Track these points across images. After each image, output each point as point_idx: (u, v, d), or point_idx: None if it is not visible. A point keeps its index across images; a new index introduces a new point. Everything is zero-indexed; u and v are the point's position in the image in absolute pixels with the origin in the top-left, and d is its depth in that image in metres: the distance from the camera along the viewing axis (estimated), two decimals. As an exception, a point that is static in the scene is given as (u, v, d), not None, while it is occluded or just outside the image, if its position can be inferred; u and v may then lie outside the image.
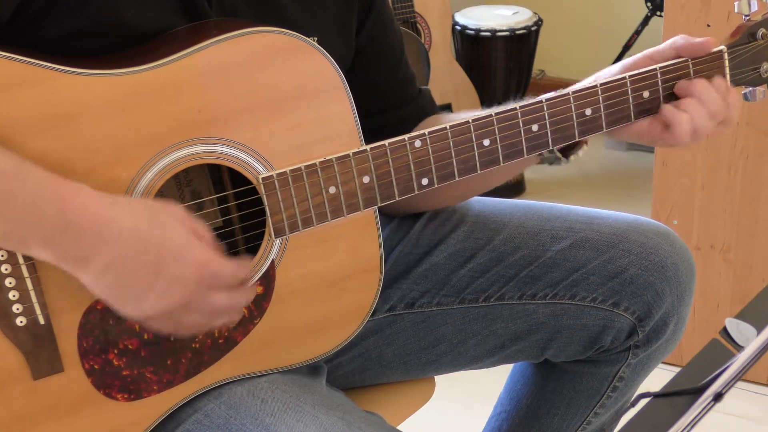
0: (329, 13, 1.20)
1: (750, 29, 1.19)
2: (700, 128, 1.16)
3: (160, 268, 0.95)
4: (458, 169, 1.12)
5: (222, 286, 1.00)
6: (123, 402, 1.04)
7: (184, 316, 0.99)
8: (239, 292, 1.02)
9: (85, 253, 0.93)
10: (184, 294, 0.97)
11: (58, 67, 0.96)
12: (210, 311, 1.00)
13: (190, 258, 0.97)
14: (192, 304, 0.98)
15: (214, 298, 0.99)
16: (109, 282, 0.95)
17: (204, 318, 1.01)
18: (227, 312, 1.02)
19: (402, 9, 3.00)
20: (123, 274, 0.94)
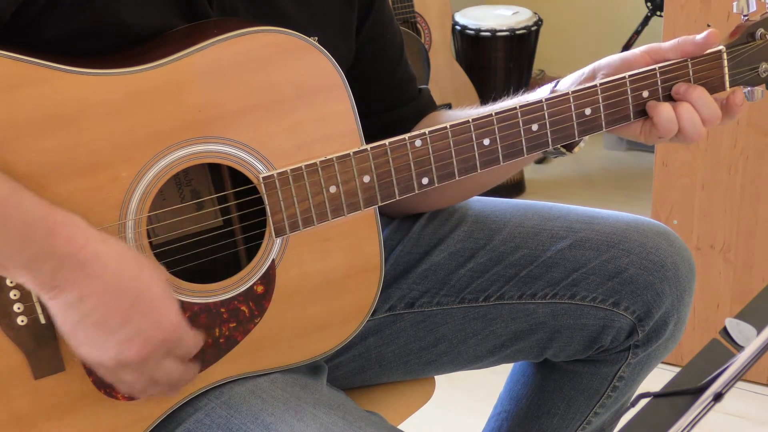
0: (329, 13, 1.20)
1: (749, 29, 1.19)
2: (695, 134, 1.16)
3: (130, 317, 0.94)
4: (458, 168, 1.12)
5: (178, 356, 0.99)
6: (124, 401, 1.04)
7: (136, 374, 0.98)
8: (189, 368, 1.02)
9: (61, 283, 0.92)
10: (143, 350, 0.95)
11: (58, 67, 0.96)
12: (156, 376, 0.99)
13: (162, 316, 0.96)
14: (144, 364, 0.97)
15: (167, 365, 0.98)
16: (75, 316, 0.94)
17: (146, 382, 0.99)
18: (170, 382, 1.01)
19: (402, 9, 3.00)
20: (92, 312, 0.93)
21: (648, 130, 1.18)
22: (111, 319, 0.94)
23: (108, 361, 0.96)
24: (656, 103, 1.16)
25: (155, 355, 0.97)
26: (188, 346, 1.00)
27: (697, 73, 1.17)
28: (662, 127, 1.15)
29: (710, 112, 1.16)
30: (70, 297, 0.92)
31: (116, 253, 0.94)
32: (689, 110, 1.15)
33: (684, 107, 1.15)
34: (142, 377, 0.98)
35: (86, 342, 0.95)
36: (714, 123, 1.17)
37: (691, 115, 1.15)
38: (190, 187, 1.12)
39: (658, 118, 1.15)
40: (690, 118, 1.15)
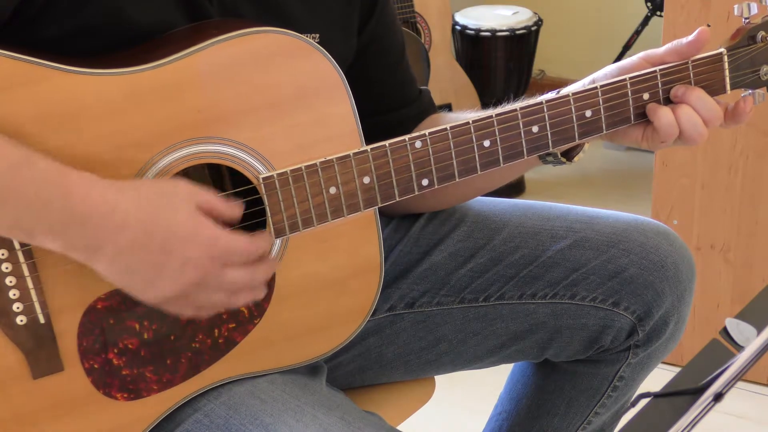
0: (331, 12, 1.20)
1: (750, 32, 1.19)
2: (697, 136, 1.16)
3: (169, 250, 0.96)
4: (458, 170, 1.12)
5: (237, 262, 1.00)
6: (123, 401, 1.04)
7: (202, 296, 0.99)
8: (257, 267, 1.02)
9: (93, 242, 0.93)
10: (197, 273, 0.97)
11: (58, 66, 0.97)
12: (228, 288, 1.00)
13: (198, 237, 0.97)
14: (207, 282, 0.98)
15: (231, 275, 0.99)
16: (120, 269, 0.95)
17: (223, 296, 1.01)
18: (247, 288, 1.02)
19: (402, 9, 3.00)
20: (133, 260, 0.95)
21: (650, 135, 1.18)
22: (153, 260, 0.95)
23: (173, 294, 0.98)
24: (656, 106, 1.16)
25: (211, 272, 0.98)
26: (240, 250, 1.00)
27: (697, 76, 1.17)
28: (663, 131, 1.15)
29: (710, 112, 1.16)
30: (106, 254, 0.94)
31: (134, 197, 0.95)
32: (689, 112, 1.15)
33: (684, 109, 1.15)
34: (217, 293, 1.00)
35: (145, 287, 0.97)
36: (715, 123, 1.17)
37: (692, 116, 1.15)
38: (190, 187, 1.12)
39: (658, 122, 1.15)
40: (690, 120, 1.15)
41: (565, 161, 1.22)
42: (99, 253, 0.94)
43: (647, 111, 1.16)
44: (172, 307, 1.00)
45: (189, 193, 0.98)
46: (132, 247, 0.94)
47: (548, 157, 1.22)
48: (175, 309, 1.01)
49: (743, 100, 1.17)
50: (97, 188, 0.94)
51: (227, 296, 1.01)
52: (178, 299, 0.99)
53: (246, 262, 1.01)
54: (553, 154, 1.21)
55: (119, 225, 0.93)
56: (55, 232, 0.93)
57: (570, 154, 1.23)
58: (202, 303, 1.00)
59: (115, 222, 0.93)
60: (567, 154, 1.23)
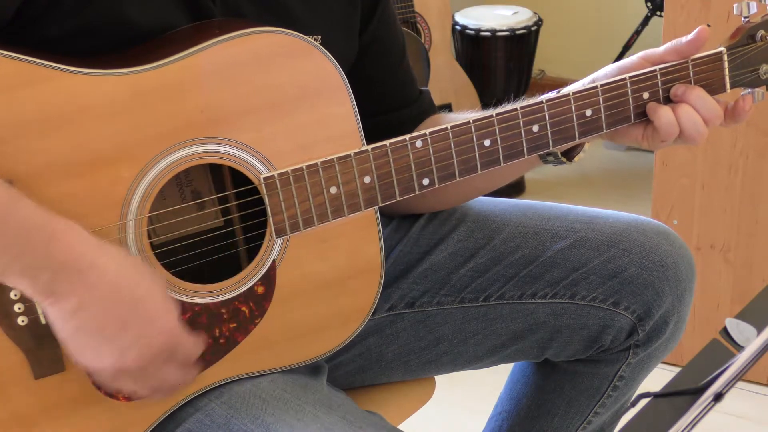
0: (333, 13, 1.20)
1: (749, 31, 1.19)
2: (697, 135, 1.16)
3: (129, 324, 0.94)
4: (459, 169, 1.12)
5: (177, 361, 0.99)
6: (124, 401, 1.04)
7: (131, 381, 0.98)
8: (189, 372, 1.02)
9: (59, 290, 0.92)
10: (143, 357, 0.95)
11: (60, 67, 0.97)
12: (156, 382, 0.99)
13: (161, 323, 0.96)
14: (145, 369, 0.97)
15: (167, 371, 0.99)
16: (74, 324, 0.94)
17: (148, 389, 0.99)
18: (169, 387, 1.01)
19: (402, 9, 3.00)
20: (91, 319, 0.93)
21: (650, 134, 1.18)
22: (109, 327, 0.94)
23: (108, 369, 0.96)
24: (656, 105, 1.16)
25: (155, 361, 0.97)
26: (188, 351, 1.00)
27: (697, 75, 1.17)
28: (663, 130, 1.15)
29: (710, 111, 1.16)
30: (68, 305, 0.92)
31: (115, 261, 0.94)
32: (689, 111, 1.15)
33: (684, 108, 1.15)
34: (142, 384, 0.98)
35: (85, 349, 0.95)
36: (715, 122, 1.17)
37: (692, 115, 1.15)
38: (191, 187, 1.12)
39: (658, 121, 1.15)
40: (690, 119, 1.15)
41: (565, 161, 1.23)
42: (60, 303, 0.92)
43: (647, 110, 1.17)
44: (98, 377, 0.99)
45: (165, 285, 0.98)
46: (96, 306, 0.93)
47: (549, 157, 1.22)
48: (101, 380, 0.99)
49: (742, 98, 1.17)
50: (81, 240, 0.93)
51: (149, 389, 1.00)
52: (110, 374, 0.97)
53: (184, 363, 1.00)
54: (553, 153, 1.22)
55: (93, 281, 0.92)
56: (27, 275, 0.91)
57: (570, 154, 1.23)
58: (126, 387, 0.99)
59: (91, 277, 0.92)
60: (567, 154, 1.23)
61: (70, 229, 0.92)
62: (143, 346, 0.95)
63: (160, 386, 1.00)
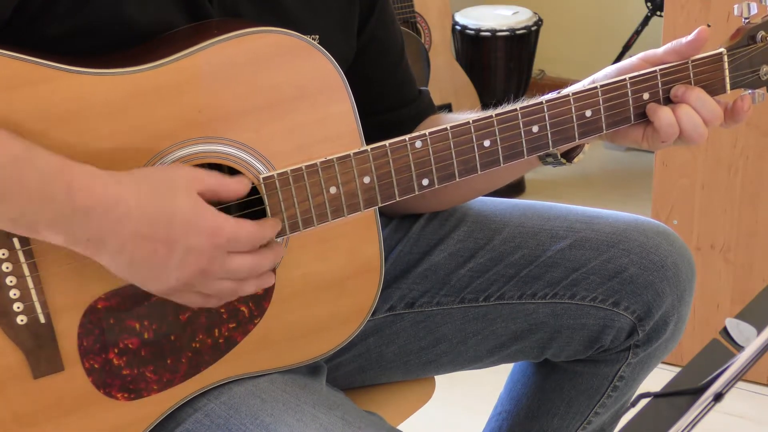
0: (331, 12, 1.20)
1: (750, 32, 1.19)
2: (697, 136, 1.15)
3: (172, 240, 0.96)
4: (459, 169, 1.12)
5: (242, 250, 1.00)
6: (123, 401, 1.04)
7: (209, 284, 0.99)
8: (263, 254, 1.02)
9: (96, 235, 0.93)
10: (201, 262, 0.97)
11: (59, 66, 0.97)
12: (233, 276, 1.00)
13: (200, 226, 0.97)
14: (212, 271, 0.98)
15: (236, 262, 0.99)
16: (124, 261, 0.95)
17: (230, 284, 1.01)
18: (254, 275, 1.02)
19: (402, 9, 3.00)
20: (137, 252, 0.95)
21: (650, 135, 1.18)
22: (157, 251, 0.95)
23: (179, 284, 0.98)
24: (656, 106, 1.16)
25: (217, 259, 0.98)
26: (245, 237, 1.00)
27: (697, 75, 1.17)
28: (664, 131, 1.15)
29: (710, 112, 1.16)
30: (110, 246, 0.94)
31: (135, 188, 0.95)
32: (689, 112, 1.15)
33: (684, 109, 1.15)
34: (223, 281, 1.00)
35: (149, 278, 0.97)
36: (715, 123, 1.17)
37: (692, 116, 1.15)
38: (191, 187, 1.12)
39: (659, 122, 1.15)
40: (691, 120, 1.15)
41: (565, 162, 1.23)
42: (102, 246, 0.94)
43: (647, 111, 1.16)
44: (179, 297, 1.00)
45: (189, 180, 0.98)
46: (135, 238, 0.94)
47: (548, 158, 1.22)
48: (183, 299, 1.01)
49: (741, 98, 1.17)
50: (99, 181, 0.93)
51: (234, 284, 1.01)
52: (185, 288, 0.99)
53: (251, 250, 1.01)
54: (553, 155, 1.21)
55: (121, 217, 0.93)
56: (58, 226, 0.92)
57: (570, 155, 1.23)
58: (209, 291, 1.00)
59: (118, 214, 0.93)
60: (567, 155, 1.23)
61: (87, 172, 0.93)
62: (196, 253, 0.97)
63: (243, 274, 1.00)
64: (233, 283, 1.01)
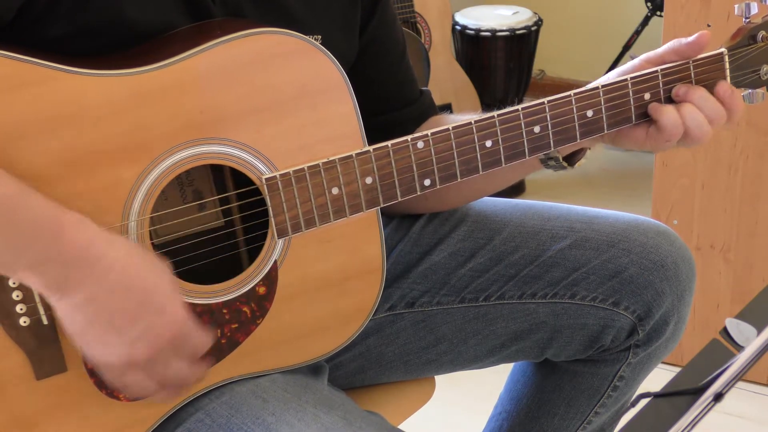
0: (333, 13, 1.20)
1: (750, 32, 1.19)
2: (701, 135, 1.16)
3: (138, 315, 0.94)
4: (460, 170, 1.12)
5: (186, 355, 0.99)
6: (125, 402, 1.04)
7: (138, 375, 0.97)
8: (197, 366, 1.01)
9: (69, 284, 0.92)
10: (152, 348, 0.95)
11: (61, 67, 0.97)
12: (165, 376, 0.99)
13: (170, 313, 0.96)
14: (153, 363, 0.96)
15: (176, 364, 0.98)
16: (83, 317, 0.94)
17: (154, 384, 0.99)
18: (177, 384, 1.01)
19: (402, 9, 3.00)
20: (101, 311, 0.93)
21: (654, 135, 1.18)
22: (119, 319, 0.94)
23: (117, 362, 0.96)
24: (660, 105, 1.16)
25: (164, 353, 0.96)
26: (196, 344, 0.99)
27: (698, 75, 1.18)
28: (668, 130, 1.15)
29: (714, 111, 1.16)
30: (77, 298, 0.93)
31: (123, 253, 0.95)
32: (693, 111, 1.15)
33: (687, 108, 1.15)
34: (149, 378, 0.98)
35: (95, 343, 0.95)
36: (719, 122, 1.17)
37: (696, 115, 1.15)
38: (193, 188, 1.12)
39: (664, 120, 1.15)
40: (695, 119, 1.15)
41: (566, 166, 1.23)
42: (70, 296, 0.93)
43: (651, 110, 1.17)
44: (107, 373, 0.98)
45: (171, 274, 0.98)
46: (105, 299, 0.93)
47: (550, 161, 1.23)
48: (110, 375, 0.98)
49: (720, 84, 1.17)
50: (90, 232, 0.93)
51: (159, 385, 0.99)
52: (120, 368, 0.97)
53: (193, 357, 1.00)
54: (554, 158, 1.22)
55: (103, 272, 0.92)
56: (36, 268, 0.91)
57: (572, 159, 1.24)
58: (133, 382, 0.98)
59: (101, 269, 0.92)
60: (568, 159, 1.24)
61: (80, 223, 0.93)
62: (153, 337, 0.95)
63: (169, 381, 0.99)
64: (158, 384, 0.99)
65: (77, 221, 0.93)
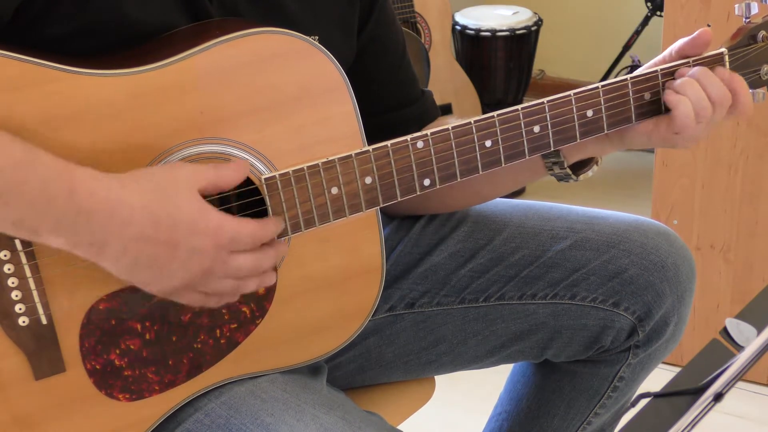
0: (331, 13, 1.20)
1: (750, 32, 1.19)
2: (701, 110, 1.15)
3: (176, 242, 0.96)
4: (460, 169, 1.12)
5: (243, 249, 1.00)
6: (124, 402, 1.04)
7: (211, 284, 1.00)
8: (264, 252, 1.02)
9: (99, 238, 0.93)
10: (204, 263, 0.97)
11: (61, 67, 0.97)
12: (235, 275, 1.00)
13: (203, 227, 0.97)
14: (214, 270, 0.98)
15: (237, 262, 1.00)
16: (127, 264, 0.95)
17: (232, 282, 1.01)
18: (255, 273, 1.02)
19: (402, 9, 3.00)
20: (140, 254, 0.95)
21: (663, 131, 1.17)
22: (160, 253, 0.95)
23: (182, 285, 0.98)
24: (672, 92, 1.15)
25: (219, 258, 0.98)
26: (246, 236, 1.00)
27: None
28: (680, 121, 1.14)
29: (717, 88, 1.15)
30: (113, 250, 0.94)
31: (138, 191, 0.95)
32: (693, 83, 1.14)
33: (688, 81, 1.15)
34: (225, 281, 1.00)
35: (151, 280, 0.97)
36: (723, 102, 1.15)
37: (696, 88, 1.14)
38: (192, 187, 1.12)
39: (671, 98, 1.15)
40: (696, 93, 1.14)
41: (571, 174, 1.23)
42: (105, 249, 0.94)
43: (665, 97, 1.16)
44: (181, 297, 1.00)
45: (190, 179, 0.98)
46: (137, 241, 0.94)
47: (555, 167, 1.23)
48: (185, 298, 1.01)
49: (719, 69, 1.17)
50: (101, 184, 0.93)
51: (236, 282, 1.01)
52: (187, 289, 0.99)
53: (253, 248, 1.01)
54: (559, 164, 1.22)
55: (124, 220, 0.93)
56: (60, 229, 0.92)
57: (577, 170, 1.24)
58: (211, 290, 1.01)
59: (121, 217, 0.93)
60: (576, 168, 1.23)
61: (89, 175, 0.93)
62: (199, 254, 0.97)
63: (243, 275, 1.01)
64: (235, 281, 1.01)
65: (85, 175, 0.93)
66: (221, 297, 1.03)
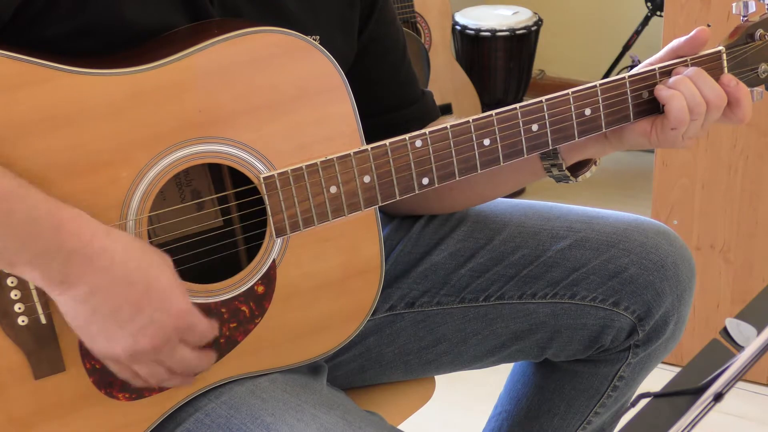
0: (331, 12, 1.20)
1: (748, 30, 1.19)
2: (696, 106, 1.15)
3: (142, 306, 0.95)
4: (459, 168, 1.12)
5: (191, 340, 0.99)
6: (124, 401, 1.04)
7: (148, 364, 0.98)
8: (204, 354, 1.02)
9: (70, 279, 0.92)
10: (156, 339, 0.96)
11: (59, 67, 0.97)
12: (171, 365, 0.99)
13: (173, 303, 0.96)
14: (161, 351, 0.97)
15: (181, 353, 0.99)
16: (87, 310, 0.94)
17: (163, 372, 0.99)
18: (185, 372, 1.01)
19: (402, 9, 3.00)
20: (104, 304, 0.94)
21: (660, 124, 1.17)
22: (122, 311, 0.94)
23: (122, 353, 0.96)
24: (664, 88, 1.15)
25: (169, 343, 0.97)
26: (201, 332, 1.00)
27: (697, 74, 1.18)
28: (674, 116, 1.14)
29: (710, 88, 1.14)
30: (79, 292, 0.93)
31: (123, 245, 0.95)
32: (686, 81, 1.14)
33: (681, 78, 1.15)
34: (157, 368, 0.99)
35: (99, 336, 0.96)
36: (717, 103, 1.15)
37: (689, 85, 1.14)
38: (191, 187, 1.12)
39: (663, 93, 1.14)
40: (689, 89, 1.14)
41: (569, 175, 1.23)
42: (71, 289, 0.93)
43: (657, 93, 1.16)
44: (114, 365, 0.99)
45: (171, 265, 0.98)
46: (106, 291, 0.93)
47: (553, 169, 1.23)
48: (116, 368, 0.99)
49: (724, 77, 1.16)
50: (88, 226, 0.93)
51: (166, 374, 1.00)
52: (126, 359, 0.97)
53: (198, 345, 1.01)
54: (557, 166, 1.22)
55: (104, 266, 0.93)
56: (35, 264, 0.92)
57: (575, 171, 1.24)
58: (143, 373, 0.99)
59: (101, 262, 0.93)
60: (574, 169, 1.23)
61: (78, 217, 0.93)
62: (157, 327, 0.96)
63: (175, 370, 1.00)
64: (166, 372, 1.00)
65: (75, 215, 0.93)
66: (145, 381, 1.00)
